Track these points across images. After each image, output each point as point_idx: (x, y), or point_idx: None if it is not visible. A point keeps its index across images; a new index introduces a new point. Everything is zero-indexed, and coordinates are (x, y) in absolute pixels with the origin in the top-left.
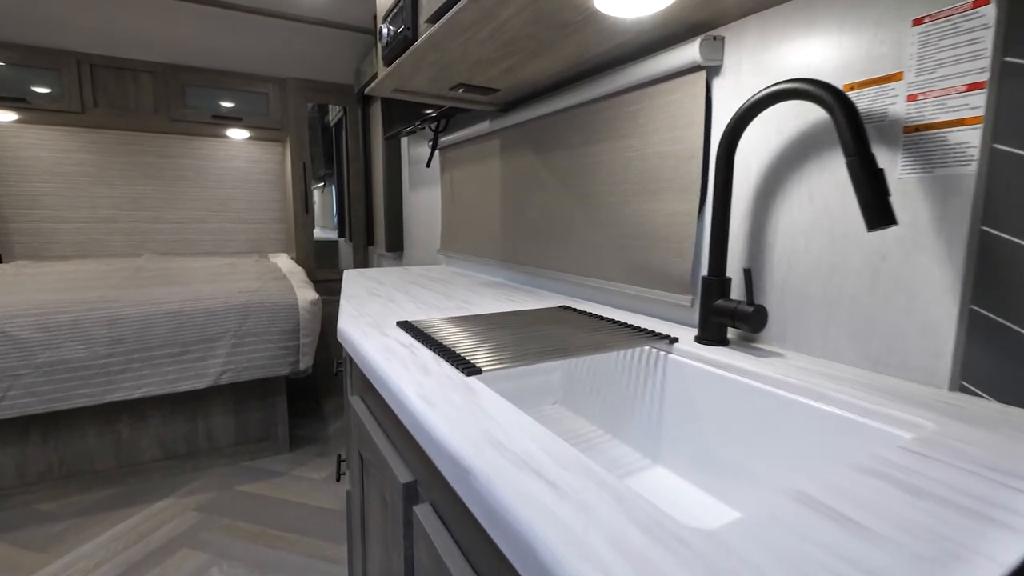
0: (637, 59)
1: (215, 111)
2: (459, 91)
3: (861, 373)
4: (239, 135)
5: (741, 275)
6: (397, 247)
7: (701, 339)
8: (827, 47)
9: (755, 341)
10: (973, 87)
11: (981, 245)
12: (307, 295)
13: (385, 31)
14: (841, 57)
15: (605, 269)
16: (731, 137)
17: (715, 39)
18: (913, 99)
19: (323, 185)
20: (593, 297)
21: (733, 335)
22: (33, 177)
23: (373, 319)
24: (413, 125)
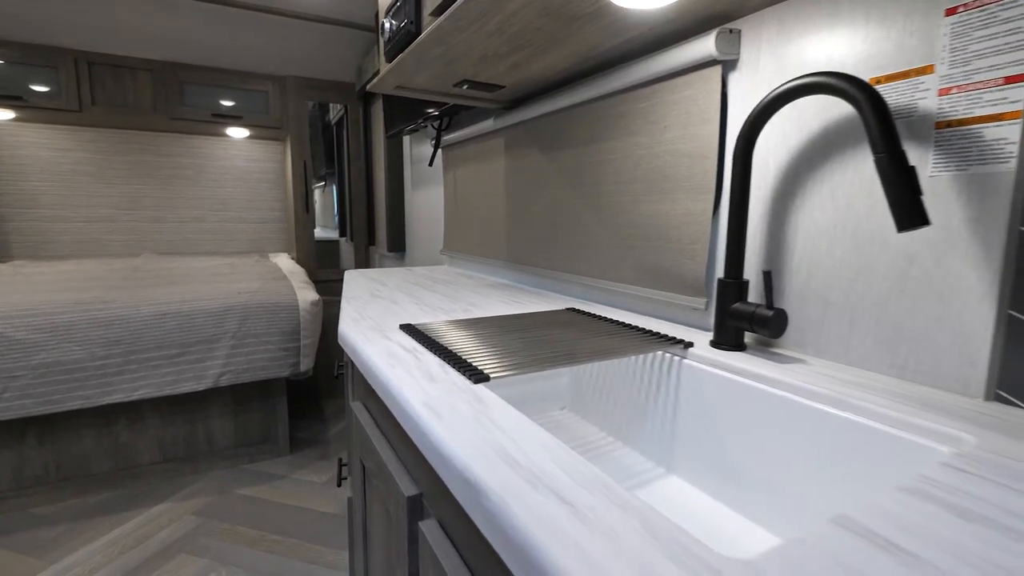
0: (648, 54)
1: (214, 109)
2: (463, 88)
3: (889, 381)
4: (239, 134)
5: (759, 277)
6: (399, 247)
7: (717, 344)
8: (851, 39)
9: (773, 346)
10: (1012, 80)
11: (1020, 247)
12: (308, 296)
13: (387, 25)
14: (867, 50)
15: (614, 270)
16: (749, 134)
17: (731, 32)
18: (945, 93)
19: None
20: (601, 299)
21: (750, 340)
22: (31, 176)
23: (375, 322)
24: (415, 123)
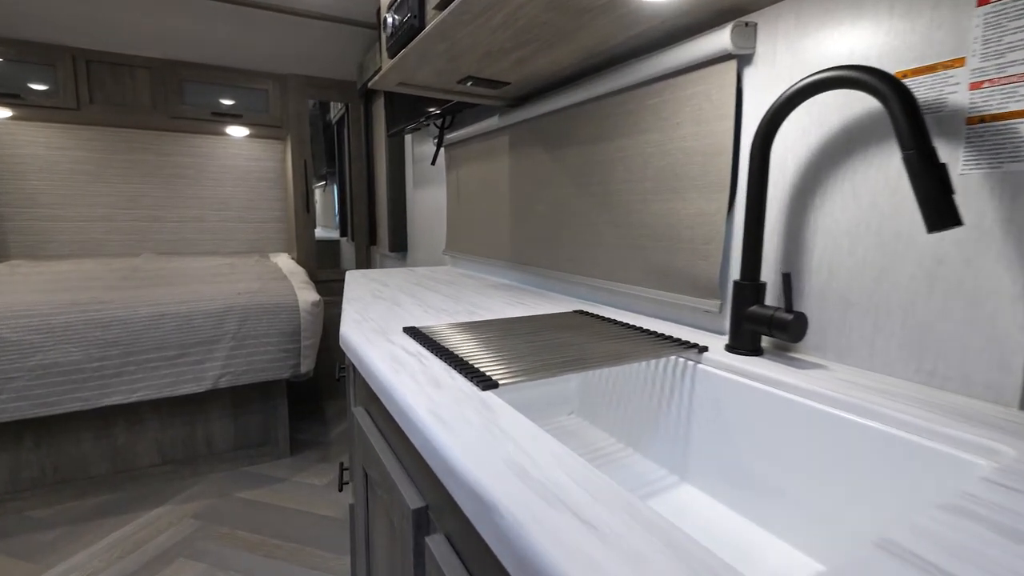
0: (659, 49)
1: (214, 108)
2: (467, 84)
3: (915, 388)
4: (239, 133)
5: (776, 279)
6: (401, 247)
7: (732, 348)
8: (875, 32)
9: (791, 350)
10: None
11: None
12: (308, 296)
13: (390, 20)
14: (891, 43)
15: (622, 271)
16: (767, 130)
17: (747, 25)
18: (977, 87)
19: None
20: (609, 301)
21: (766, 344)
22: (29, 175)
23: (378, 324)
24: (417, 122)
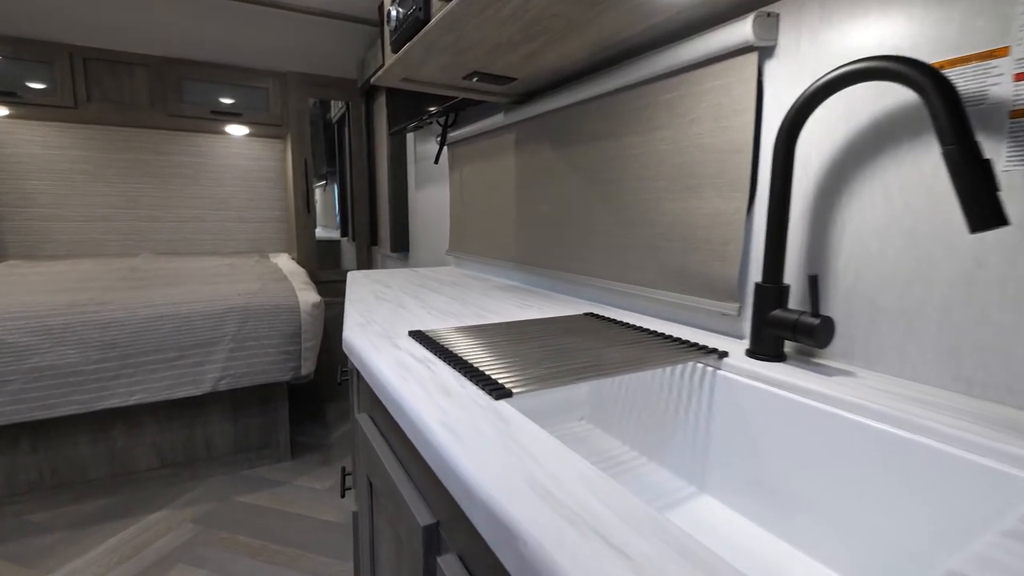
0: (674, 42)
1: (213, 106)
2: (473, 80)
3: (953, 397)
4: (238, 131)
5: (799, 282)
6: (402, 247)
7: (754, 353)
8: (907, 21)
9: (816, 356)
10: None
11: None
12: (309, 297)
13: (394, 13)
14: (925, 32)
15: (634, 273)
16: (792, 126)
17: (769, 16)
18: (1022, 78)
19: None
20: (619, 303)
21: (789, 349)
22: (26, 174)
23: (382, 327)
24: (420, 120)
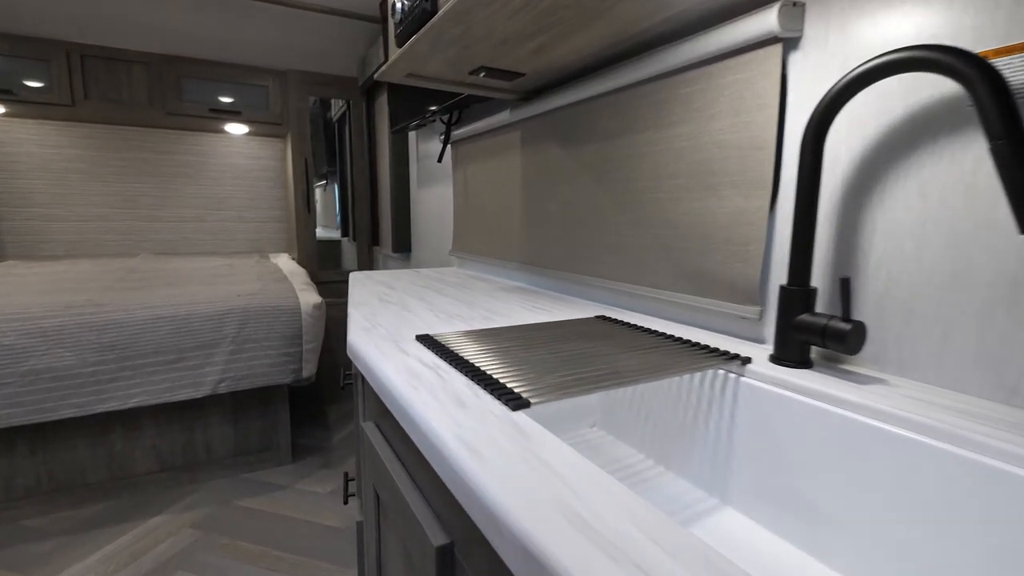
0: (692, 34)
1: (213, 105)
2: (480, 75)
3: (997, 408)
4: (238, 130)
5: (826, 285)
6: (404, 248)
7: (778, 359)
8: (947, 9)
9: (844, 362)
10: None
11: None
12: (310, 298)
13: (398, 6)
14: (967, 21)
15: (648, 274)
16: (822, 121)
17: (795, 5)
18: None
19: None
20: (632, 305)
21: (814, 354)
22: (23, 174)
23: (388, 331)
24: (422, 118)
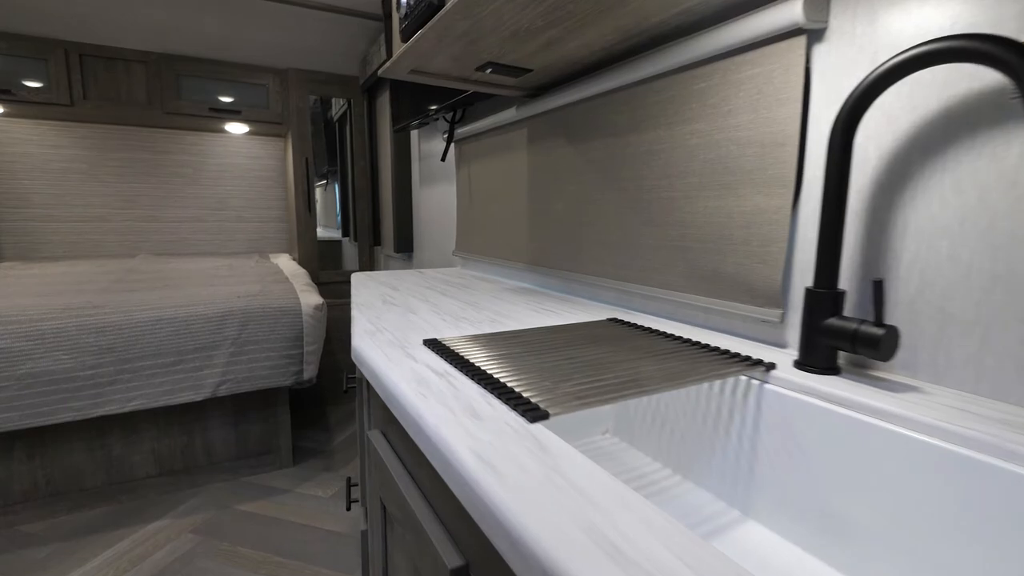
0: (707, 27)
1: (212, 104)
2: (486, 72)
3: None
4: (238, 130)
5: (852, 287)
6: (406, 248)
7: (804, 365)
8: None
9: (874, 369)
10: None
11: None
12: (311, 299)
13: (404, 0)
14: (1008, 10)
15: (661, 276)
16: (851, 116)
17: None
18: None
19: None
20: (643, 307)
21: (842, 360)
22: (21, 174)
23: (393, 335)
24: (425, 116)
